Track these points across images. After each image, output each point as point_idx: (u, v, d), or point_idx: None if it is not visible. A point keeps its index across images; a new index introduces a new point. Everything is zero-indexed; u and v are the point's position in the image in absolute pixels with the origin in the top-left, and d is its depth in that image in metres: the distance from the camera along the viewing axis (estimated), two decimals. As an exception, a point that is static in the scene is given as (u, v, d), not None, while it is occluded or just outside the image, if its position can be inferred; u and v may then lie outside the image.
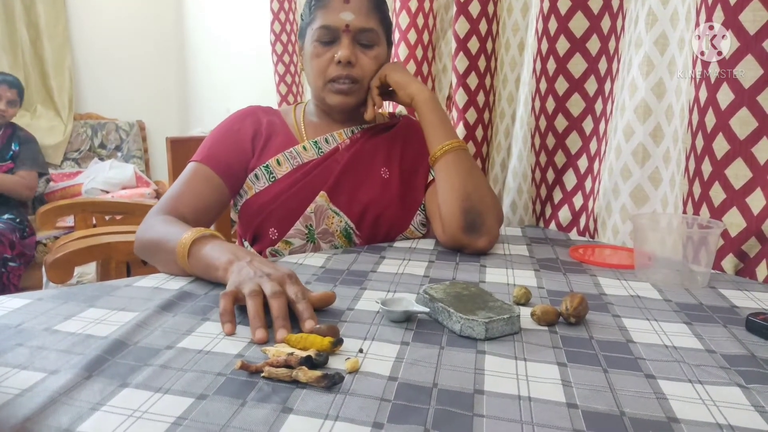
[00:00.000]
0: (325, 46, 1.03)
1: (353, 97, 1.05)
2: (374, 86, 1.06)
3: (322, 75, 1.04)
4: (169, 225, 0.88)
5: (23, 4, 3.59)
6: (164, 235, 0.85)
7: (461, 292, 0.71)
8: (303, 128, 1.11)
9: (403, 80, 1.06)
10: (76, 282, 2.32)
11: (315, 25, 1.03)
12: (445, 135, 1.03)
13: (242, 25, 3.27)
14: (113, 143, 3.84)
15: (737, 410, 0.49)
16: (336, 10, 1.01)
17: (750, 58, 0.85)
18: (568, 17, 1.18)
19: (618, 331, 0.66)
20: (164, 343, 0.60)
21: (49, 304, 0.71)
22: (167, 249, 0.83)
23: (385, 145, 1.11)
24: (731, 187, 0.89)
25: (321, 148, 1.07)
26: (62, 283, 1.36)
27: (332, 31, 1.02)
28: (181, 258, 0.80)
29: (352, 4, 1.01)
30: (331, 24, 1.01)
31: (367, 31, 1.03)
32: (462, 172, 1.01)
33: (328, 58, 1.03)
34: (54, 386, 0.50)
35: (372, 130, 1.12)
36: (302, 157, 1.06)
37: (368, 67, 1.04)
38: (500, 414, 0.47)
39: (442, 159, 1.02)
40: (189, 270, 0.80)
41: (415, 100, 1.05)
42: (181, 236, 0.81)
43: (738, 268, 0.92)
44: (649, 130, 1.04)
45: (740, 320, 0.69)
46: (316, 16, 1.03)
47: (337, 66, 1.02)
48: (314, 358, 0.54)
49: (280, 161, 1.05)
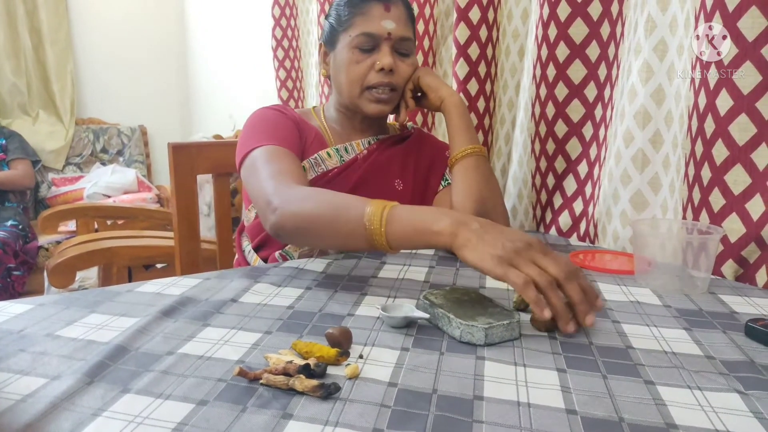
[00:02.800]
0: (364, 53, 1.03)
1: (390, 105, 1.06)
2: (408, 89, 1.08)
3: (360, 82, 1.04)
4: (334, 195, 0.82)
5: (26, 9, 3.61)
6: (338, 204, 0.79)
7: (461, 298, 0.71)
8: (329, 132, 1.11)
9: (435, 83, 1.07)
10: (77, 287, 2.33)
11: (354, 32, 1.02)
12: (469, 139, 1.05)
13: (244, 30, 3.29)
14: (115, 148, 3.86)
15: (736, 416, 0.49)
16: (377, 18, 1.02)
17: (749, 64, 0.86)
18: (568, 24, 1.19)
19: (617, 336, 0.66)
20: (165, 348, 0.61)
21: (51, 309, 0.71)
22: (346, 217, 0.76)
23: (399, 157, 1.12)
24: (731, 193, 0.90)
25: (342, 156, 1.08)
26: (64, 288, 1.36)
27: (374, 39, 1.02)
28: (377, 223, 0.72)
29: (393, 13, 1.02)
30: (374, 32, 1.01)
31: (406, 39, 1.04)
32: (480, 177, 1.03)
33: (367, 65, 1.03)
34: (55, 392, 0.50)
35: (387, 142, 1.13)
36: (326, 164, 1.06)
37: (406, 74, 1.06)
38: (500, 420, 0.48)
39: (463, 161, 1.04)
40: (382, 241, 0.73)
41: (445, 102, 1.07)
42: (365, 206, 0.74)
43: (738, 273, 0.92)
44: (648, 135, 1.04)
45: (740, 326, 0.69)
46: (355, 23, 1.03)
47: (378, 73, 1.02)
48: (312, 367, 0.54)
49: (306, 168, 1.04)
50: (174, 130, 4.17)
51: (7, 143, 2.98)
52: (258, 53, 2.97)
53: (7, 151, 2.96)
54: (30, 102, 3.65)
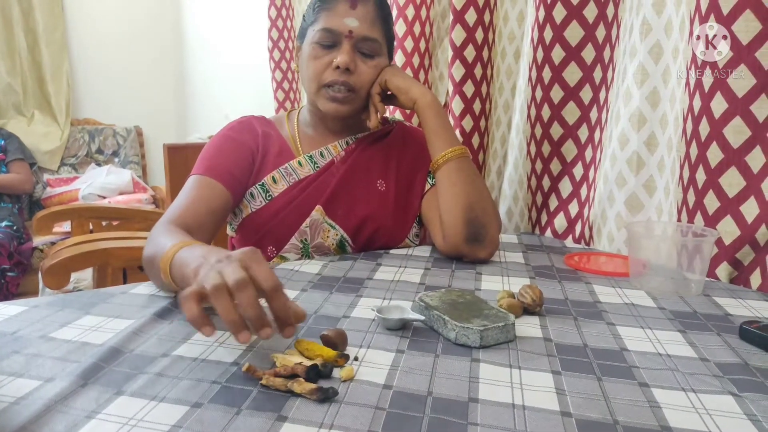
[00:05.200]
0: (324, 49, 1.00)
1: (347, 105, 1.02)
2: (375, 93, 1.04)
3: (317, 79, 1.00)
4: (163, 237, 0.77)
5: (21, 9, 3.59)
6: (154, 250, 0.75)
7: (456, 300, 0.71)
8: (298, 140, 1.08)
9: (404, 84, 1.03)
10: (72, 288, 2.32)
11: (317, 26, 1.00)
12: (447, 141, 1.02)
13: (240, 31, 3.28)
14: (110, 149, 3.84)
15: (730, 419, 0.49)
16: (340, 15, 0.99)
17: (743, 67, 0.86)
18: (564, 26, 1.19)
19: (612, 339, 0.66)
20: (160, 350, 0.60)
21: (45, 311, 0.71)
22: (156, 264, 0.72)
23: (380, 156, 1.09)
24: (725, 196, 0.90)
25: (317, 162, 1.05)
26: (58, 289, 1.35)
27: (334, 35, 0.99)
28: (164, 273, 0.68)
29: (358, 11, 0.99)
30: (334, 27, 0.98)
31: (369, 40, 1.00)
32: (465, 181, 1.00)
33: (325, 62, 1.00)
34: (49, 394, 0.50)
35: (367, 140, 1.10)
36: (298, 174, 1.04)
37: (366, 76, 1.02)
38: (494, 422, 0.48)
39: (445, 167, 1.01)
40: (174, 286, 0.69)
41: (418, 104, 1.03)
42: (165, 249, 0.70)
43: (732, 276, 0.92)
44: (643, 138, 1.05)
45: (734, 328, 0.70)
46: (319, 17, 1.00)
47: (334, 71, 0.99)
48: (320, 368, 0.54)
49: (276, 179, 1.03)
50: (169, 131, 4.15)
51: (6, 144, 2.98)
52: (254, 54, 2.96)
53: (6, 152, 2.95)
54: (25, 102, 3.64)
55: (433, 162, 1.03)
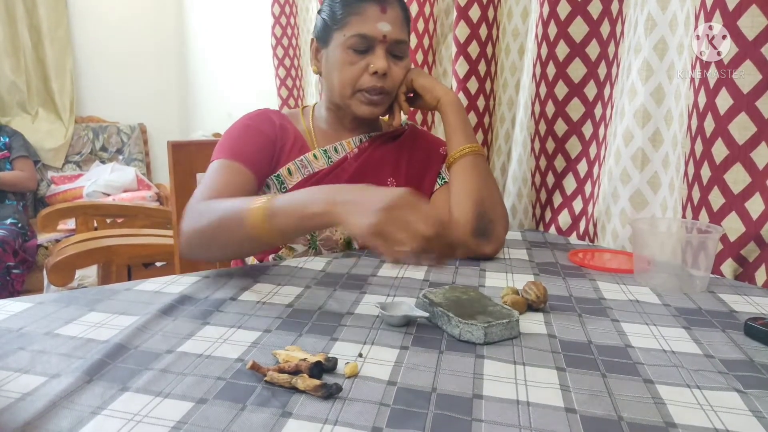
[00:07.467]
0: (358, 54, 1.01)
1: (381, 107, 1.05)
2: (401, 92, 1.07)
3: (353, 84, 1.02)
4: (226, 202, 0.82)
5: (25, 7, 3.60)
6: (225, 212, 0.79)
7: (461, 297, 0.71)
8: (314, 135, 1.10)
9: (428, 84, 1.06)
10: (77, 285, 2.33)
11: (348, 32, 1.00)
12: (466, 138, 1.04)
13: (243, 28, 3.28)
14: (114, 146, 3.85)
15: (735, 415, 0.49)
16: (373, 20, 1.00)
17: (749, 63, 0.86)
18: (568, 22, 1.18)
19: (617, 335, 0.66)
20: (164, 347, 0.61)
21: (50, 307, 0.71)
22: (235, 223, 0.77)
23: (392, 155, 1.11)
24: (730, 192, 0.90)
25: (330, 157, 1.06)
26: (63, 286, 1.36)
27: (368, 40, 1.00)
28: (261, 222, 0.74)
29: (389, 15, 1.00)
30: (369, 33, 0.99)
31: (401, 42, 1.03)
32: (478, 176, 1.02)
33: (361, 67, 1.01)
34: (55, 390, 0.50)
35: (379, 139, 1.12)
36: (312, 166, 1.05)
37: (398, 78, 1.04)
38: (499, 419, 0.48)
39: (460, 161, 1.03)
40: (269, 235, 0.75)
41: (441, 102, 1.06)
42: (250, 203, 0.76)
43: (737, 272, 0.92)
44: (648, 134, 1.04)
45: (739, 325, 0.69)
46: (350, 22, 1.00)
47: (371, 77, 1.01)
48: (324, 363, 0.54)
49: (291, 171, 1.04)
50: (173, 129, 4.16)
51: (11, 142, 2.98)
52: (258, 51, 2.96)
53: (11, 149, 2.96)
54: (29, 100, 3.64)
55: (449, 156, 1.05)
